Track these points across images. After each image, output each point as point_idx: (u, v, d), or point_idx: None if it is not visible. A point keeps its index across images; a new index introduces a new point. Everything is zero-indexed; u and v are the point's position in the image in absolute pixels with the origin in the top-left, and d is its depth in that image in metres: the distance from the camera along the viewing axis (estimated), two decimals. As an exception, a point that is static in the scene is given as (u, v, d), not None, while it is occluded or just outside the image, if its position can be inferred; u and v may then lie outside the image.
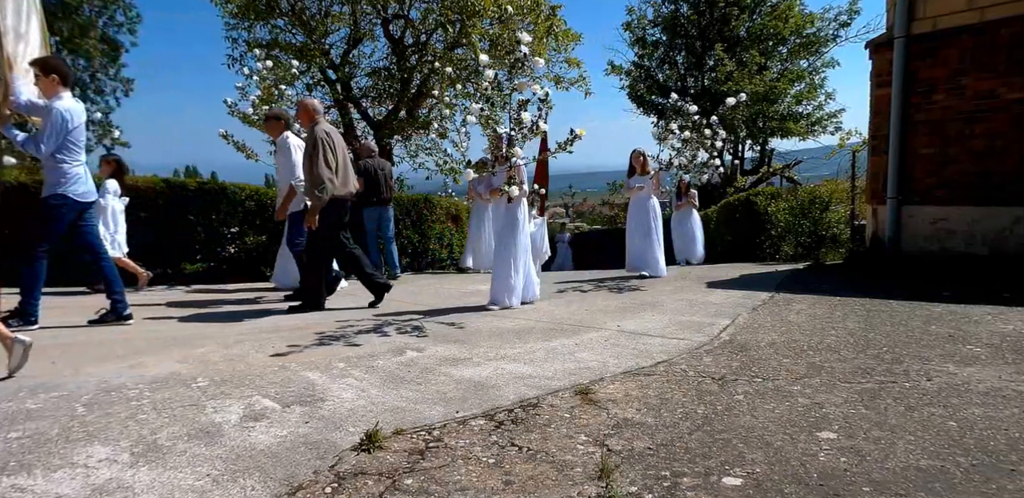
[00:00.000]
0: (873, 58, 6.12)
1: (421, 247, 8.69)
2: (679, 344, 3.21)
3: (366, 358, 3.01)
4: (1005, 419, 2.00)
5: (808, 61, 18.14)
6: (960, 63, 5.47)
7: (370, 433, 1.91)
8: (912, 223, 5.80)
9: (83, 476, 1.68)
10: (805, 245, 7.94)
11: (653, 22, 19.04)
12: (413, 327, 3.86)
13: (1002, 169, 5.27)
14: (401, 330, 3.76)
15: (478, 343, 3.34)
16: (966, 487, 1.55)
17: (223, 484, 1.64)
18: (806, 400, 2.24)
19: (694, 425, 2.03)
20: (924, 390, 2.32)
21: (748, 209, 9.55)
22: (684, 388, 2.43)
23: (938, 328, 3.37)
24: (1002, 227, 5.26)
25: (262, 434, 1.99)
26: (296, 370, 2.77)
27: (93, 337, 3.59)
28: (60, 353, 3.12)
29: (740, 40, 17.76)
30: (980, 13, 5.31)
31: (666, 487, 1.59)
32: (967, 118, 5.45)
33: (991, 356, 2.78)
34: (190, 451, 1.85)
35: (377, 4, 11.07)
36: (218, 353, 3.13)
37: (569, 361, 2.90)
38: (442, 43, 11.44)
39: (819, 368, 2.67)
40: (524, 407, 2.25)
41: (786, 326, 3.57)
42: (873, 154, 6.21)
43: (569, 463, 1.76)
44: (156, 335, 3.65)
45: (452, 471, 1.72)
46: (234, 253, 7.07)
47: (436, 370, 2.78)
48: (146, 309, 4.66)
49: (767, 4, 17.79)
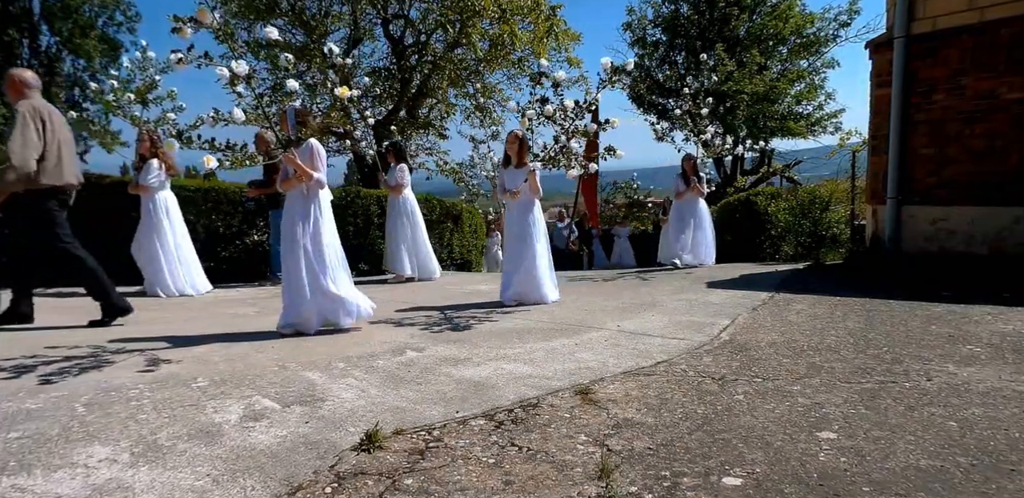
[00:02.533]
0: (873, 58, 6.12)
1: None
2: (679, 344, 3.21)
3: (366, 358, 3.01)
4: (1005, 419, 2.00)
5: (808, 61, 18.16)
6: (960, 63, 5.47)
7: (370, 433, 1.91)
8: (912, 223, 5.80)
9: (83, 476, 1.68)
10: (805, 245, 7.93)
11: (653, 22, 19.05)
12: (413, 326, 3.86)
13: (1002, 169, 5.27)
14: (401, 330, 3.76)
15: (478, 343, 3.34)
16: (966, 487, 1.55)
17: (223, 484, 1.64)
18: (806, 400, 2.24)
19: (694, 425, 2.03)
20: (924, 390, 2.32)
21: (748, 209, 9.56)
22: (684, 388, 2.43)
23: (938, 328, 3.37)
24: (1002, 227, 5.26)
25: (262, 434, 1.99)
26: (296, 370, 2.77)
27: (93, 337, 3.59)
28: (62, 352, 3.13)
29: (740, 40, 17.77)
30: (980, 13, 5.30)
31: (666, 487, 1.59)
32: (967, 118, 5.45)
33: (991, 356, 2.78)
34: (190, 451, 1.85)
35: (377, 4, 11.07)
36: (218, 353, 3.13)
37: (569, 361, 2.90)
38: (442, 43, 11.44)
39: (819, 368, 2.67)
40: (524, 407, 2.25)
41: (786, 326, 3.57)
42: (873, 154, 6.21)
43: (569, 463, 1.76)
44: (156, 335, 3.65)
45: (452, 471, 1.72)
46: (234, 253, 7.07)
47: (436, 370, 2.78)
48: (146, 309, 4.66)
49: (767, 4, 17.80)
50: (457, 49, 11.14)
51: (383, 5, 11.15)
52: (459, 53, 11.23)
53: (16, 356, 3.04)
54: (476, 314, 4.34)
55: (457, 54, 11.19)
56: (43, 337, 3.59)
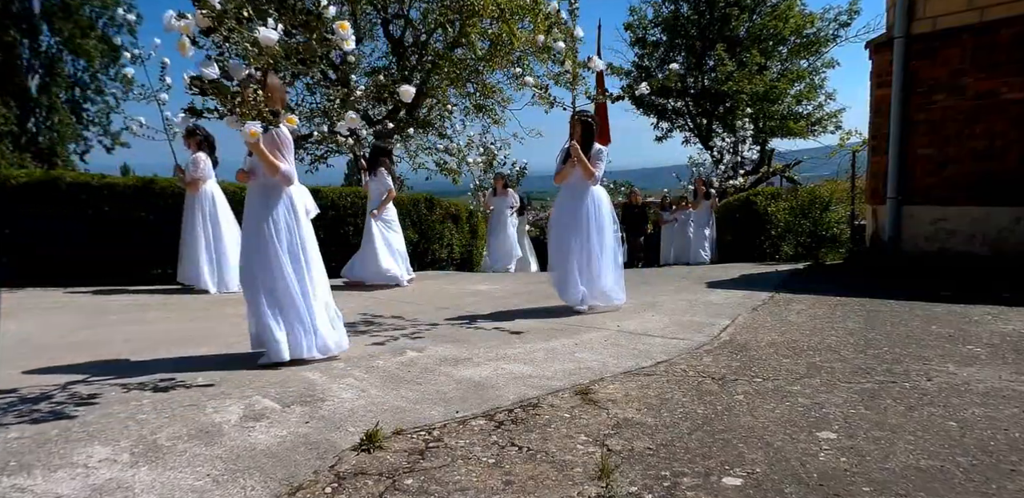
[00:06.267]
0: (873, 58, 6.12)
1: (421, 247, 8.68)
2: (679, 344, 3.21)
3: (366, 358, 3.01)
4: (1005, 419, 2.00)
5: (808, 61, 18.15)
6: (960, 63, 5.47)
7: (370, 433, 1.91)
8: (912, 223, 5.80)
9: (83, 476, 1.68)
10: (805, 245, 7.93)
11: (653, 22, 19.05)
12: (413, 327, 3.86)
13: (1002, 169, 5.27)
14: (401, 330, 3.76)
15: (478, 343, 3.34)
16: (966, 487, 1.55)
17: (223, 484, 1.64)
18: (806, 400, 2.24)
19: (694, 425, 2.03)
20: (924, 390, 2.32)
21: (748, 209, 9.56)
22: (684, 388, 2.43)
23: (938, 328, 3.37)
24: (1002, 227, 5.26)
25: (262, 434, 1.99)
26: (296, 370, 2.77)
27: (93, 337, 3.59)
28: (62, 352, 3.13)
29: (740, 40, 17.77)
30: (980, 13, 5.30)
31: (666, 487, 1.59)
32: (967, 118, 5.45)
33: (991, 356, 2.78)
34: (190, 451, 1.85)
35: (377, 4, 11.08)
36: (218, 353, 3.12)
37: (569, 361, 2.90)
38: (442, 43, 11.45)
39: (819, 368, 2.67)
40: (524, 407, 2.25)
41: (786, 326, 3.57)
42: (873, 154, 6.21)
43: (569, 463, 1.76)
44: (156, 335, 3.65)
45: (452, 471, 1.72)
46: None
47: (436, 370, 2.78)
48: (146, 309, 4.66)
49: (767, 4, 17.81)
50: (457, 49, 11.14)
51: (383, 5, 11.15)
52: (459, 53, 11.23)
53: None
54: (476, 313, 4.34)
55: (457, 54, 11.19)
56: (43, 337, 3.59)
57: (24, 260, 5.66)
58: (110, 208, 5.99)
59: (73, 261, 5.82)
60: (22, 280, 5.58)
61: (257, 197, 2.95)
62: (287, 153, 2.90)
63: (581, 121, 4.29)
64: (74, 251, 5.82)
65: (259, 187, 2.95)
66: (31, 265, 5.69)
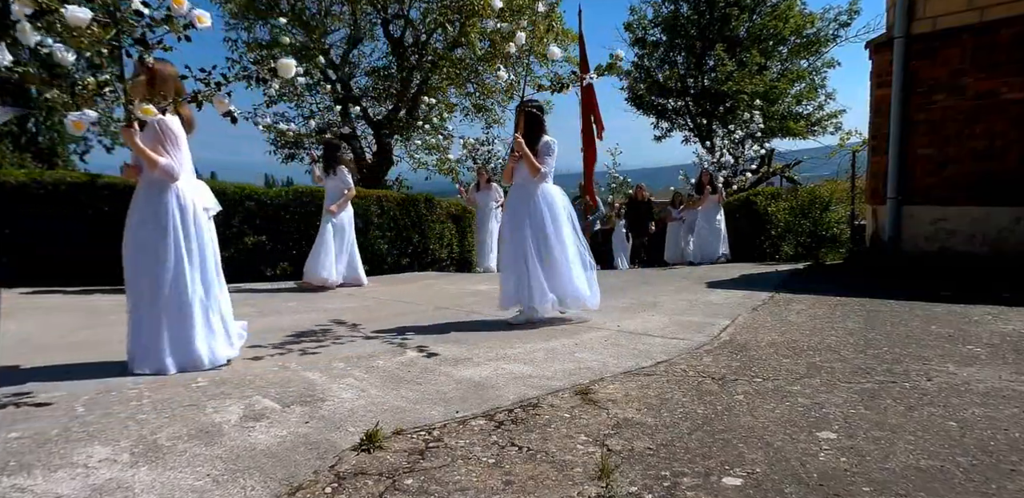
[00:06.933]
0: (873, 58, 6.13)
1: (421, 246, 8.68)
2: (679, 344, 3.21)
3: (366, 358, 3.01)
4: (1005, 419, 2.00)
5: (808, 61, 18.16)
6: (960, 63, 5.47)
7: (370, 433, 1.91)
8: (912, 223, 5.80)
9: (83, 476, 1.68)
10: (805, 245, 7.94)
11: (653, 22, 19.05)
12: (413, 327, 3.86)
13: (1002, 169, 5.27)
14: (401, 330, 3.76)
15: (478, 343, 3.34)
16: (966, 487, 1.55)
17: (223, 484, 1.64)
18: (806, 400, 2.24)
19: (694, 425, 2.03)
20: (924, 390, 2.32)
21: (748, 209, 9.57)
22: (684, 388, 2.43)
23: (938, 328, 3.37)
24: (1002, 227, 5.26)
25: (262, 434, 1.99)
26: (296, 370, 2.77)
27: (93, 337, 3.59)
28: (62, 352, 3.13)
29: (740, 40, 17.77)
30: (980, 13, 5.30)
31: (666, 487, 1.59)
32: (967, 118, 5.45)
33: (991, 356, 2.78)
34: (190, 451, 1.85)
35: (377, 4, 11.08)
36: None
37: (569, 361, 2.90)
38: (442, 43, 11.45)
39: (819, 368, 2.67)
40: (524, 407, 2.25)
41: (786, 326, 3.57)
42: (873, 154, 6.21)
43: (569, 463, 1.76)
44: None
45: (452, 471, 1.72)
46: (233, 253, 7.06)
47: (436, 370, 2.78)
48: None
49: (767, 4, 17.80)
50: (457, 49, 11.15)
51: (383, 5, 11.15)
52: (459, 53, 11.23)
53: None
54: (476, 313, 4.33)
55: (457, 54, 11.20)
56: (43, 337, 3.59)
57: (24, 260, 5.66)
58: (110, 208, 5.99)
59: (73, 261, 5.83)
60: (22, 280, 5.59)
61: (143, 193, 2.80)
62: (170, 147, 2.71)
63: (525, 112, 3.90)
64: (74, 251, 5.83)
65: (145, 183, 2.80)
66: (31, 265, 5.69)
